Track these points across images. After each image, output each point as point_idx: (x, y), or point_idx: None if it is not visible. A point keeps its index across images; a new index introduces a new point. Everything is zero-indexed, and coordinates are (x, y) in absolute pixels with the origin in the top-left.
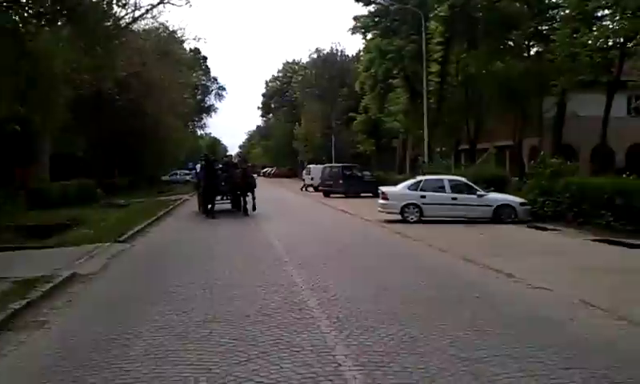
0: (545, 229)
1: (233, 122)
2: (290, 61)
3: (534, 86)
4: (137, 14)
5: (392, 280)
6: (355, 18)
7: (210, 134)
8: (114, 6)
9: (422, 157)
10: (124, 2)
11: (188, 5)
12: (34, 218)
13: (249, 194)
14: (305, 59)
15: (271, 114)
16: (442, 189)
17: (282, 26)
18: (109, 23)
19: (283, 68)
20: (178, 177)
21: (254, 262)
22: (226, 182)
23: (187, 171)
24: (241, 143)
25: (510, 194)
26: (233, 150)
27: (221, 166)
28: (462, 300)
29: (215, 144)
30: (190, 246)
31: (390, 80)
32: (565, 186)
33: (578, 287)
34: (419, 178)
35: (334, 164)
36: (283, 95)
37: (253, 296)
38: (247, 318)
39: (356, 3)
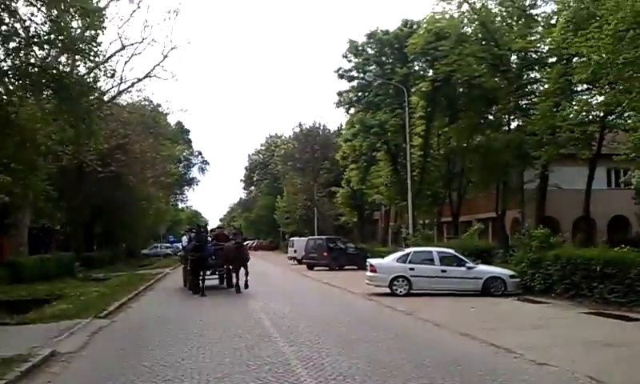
0: (536, 301)
1: (214, 194)
2: (273, 134)
3: (515, 159)
4: (122, 87)
5: (393, 359)
6: (339, 94)
7: (191, 207)
8: (101, 78)
9: (406, 228)
10: (111, 73)
11: (174, 79)
12: (11, 291)
13: (241, 269)
14: (287, 133)
15: (253, 187)
16: (430, 261)
17: (264, 101)
18: (93, 96)
19: (266, 141)
20: (159, 250)
21: (244, 339)
22: (216, 256)
23: (168, 245)
24: (222, 216)
25: (495, 266)
26: (213, 223)
27: (210, 238)
28: (465, 379)
29: (196, 216)
30: (176, 323)
31: (374, 153)
32: (554, 258)
33: (582, 363)
34: (407, 250)
35: (317, 236)
36: (265, 168)
37: (245, 376)
38: None
39: (339, 80)
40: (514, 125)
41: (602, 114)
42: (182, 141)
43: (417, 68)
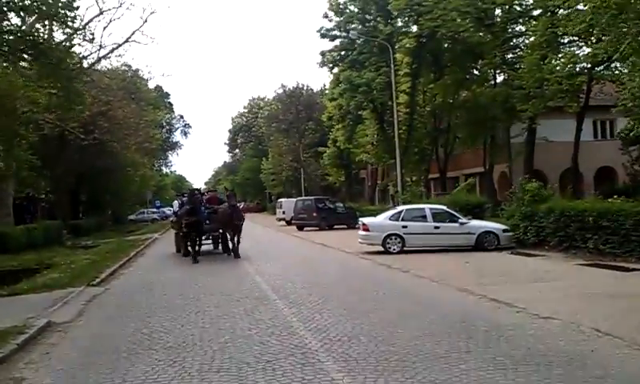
0: (530, 255)
1: (198, 158)
2: (256, 97)
3: (502, 113)
4: (102, 53)
5: (396, 318)
6: (322, 53)
7: (175, 171)
8: (80, 43)
9: (394, 186)
10: (90, 37)
11: (154, 43)
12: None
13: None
14: (270, 95)
15: (237, 150)
16: (423, 218)
17: (247, 64)
18: (73, 61)
19: (249, 104)
20: (145, 215)
21: (242, 303)
22: (210, 220)
23: (154, 210)
24: (207, 179)
25: (487, 220)
26: (198, 186)
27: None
28: (471, 335)
29: (180, 181)
30: (171, 289)
31: (360, 111)
32: (548, 211)
33: (586, 316)
34: (400, 207)
35: (306, 197)
36: (249, 130)
37: (248, 341)
38: (247, 366)
39: (322, 39)
40: (499, 79)
41: (589, 66)
42: (163, 105)
43: (400, 24)
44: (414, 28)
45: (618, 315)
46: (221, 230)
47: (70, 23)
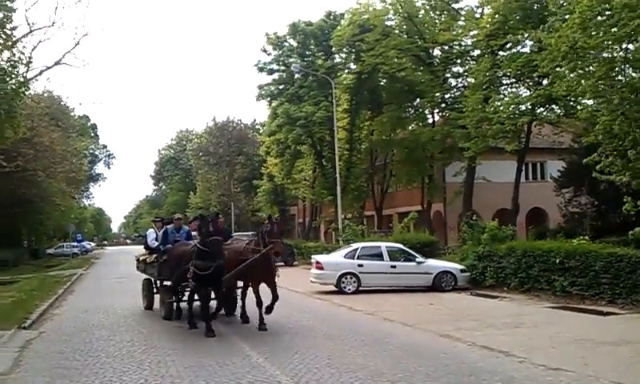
0: (491, 296)
1: (120, 191)
2: (184, 129)
3: (441, 152)
4: (29, 74)
5: (390, 369)
6: (260, 87)
7: (93, 204)
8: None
9: (328, 223)
10: (26, 60)
11: (85, 66)
12: None
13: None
14: (200, 128)
15: (162, 183)
16: (379, 256)
17: (176, 94)
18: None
19: (177, 136)
20: (65, 249)
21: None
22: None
23: (75, 244)
24: (127, 213)
25: (437, 259)
26: (117, 221)
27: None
28: None
29: (100, 214)
30: (119, 334)
31: (298, 146)
32: (508, 251)
33: (598, 366)
34: (355, 245)
35: (242, 233)
36: (177, 163)
37: None
38: None
39: (260, 73)
40: (437, 118)
41: (530, 107)
42: (88, 135)
43: (338, 60)
44: (352, 65)
45: (630, 367)
46: (240, 283)
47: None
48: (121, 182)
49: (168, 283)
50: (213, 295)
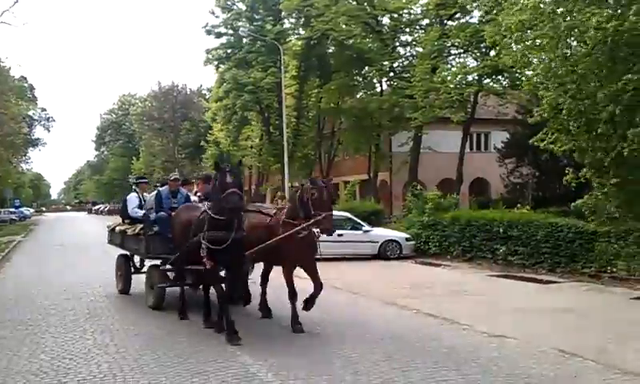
0: (435, 264)
1: (60, 156)
2: (127, 93)
3: (389, 121)
4: None
5: (323, 333)
6: (207, 51)
7: (31, 169)
8: None
9: (274, 191)
10: None
11: (25, 26)
12: None
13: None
14: (144, 92)
15: (104, 149)
16: None
17: (120, 58)
18: None
19: (119, 100)
20: (3, 215)
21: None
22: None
23: (13, 210)
24: (67, 179)
25: (383, 227)
26: (56, 188)
27: (198, 196)
28: (435, 359)
29: (39, 180)
30: (58, 300)
31: (246, 112)
32: (452, 220)
33: (537, 334)
34: None
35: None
36: (119, 128)
37: None
38: None
39: (208, 36)
40: (386, 87)
41: (477, 78)
42: (26, 98)
43: (287, 25)
44: (302, 31)
45: (570, 334)
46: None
47: None
48: (60, 146)
49: (157, 262)
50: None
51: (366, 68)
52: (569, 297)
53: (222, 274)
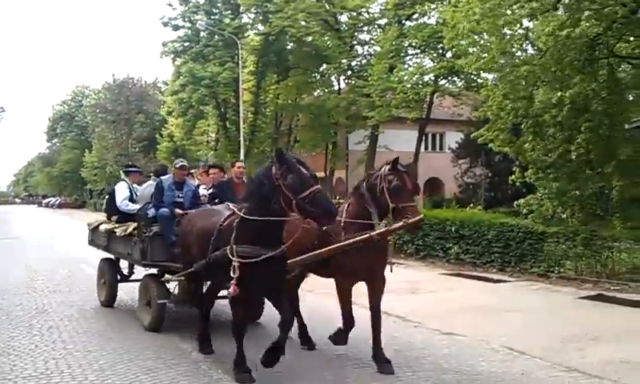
0: (388, 263)
1: (8, 149)
2: (81, 84)
3: (346, 119)
4: None
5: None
6: (164, 43)
7: None
8: None
9: None
10: None
11: None
12: None
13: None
14: (99, 84)
15: (56, 141)
16: None
17: (74, 50)
18: None
19: (73, 92)
20: None
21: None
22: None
23: None
24: (16, 171)
25: None
26: (4, 181)
27: (206, 190)
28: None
29: None
30: (5, 295)
31: (202, 107)
32: None
33: (487, 332)
34: None
35: None
36: (72, 120)
37: None
38: None
39: (164, 28)
40: (344, 85)
41: (433, 78)
42: None
43: (246, 20)
44: (260, 26)
45: (519, 332)
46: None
47: None
48: (10, 138)
49: (154, 271)
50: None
51: (324, 65)
52: (518, 296)
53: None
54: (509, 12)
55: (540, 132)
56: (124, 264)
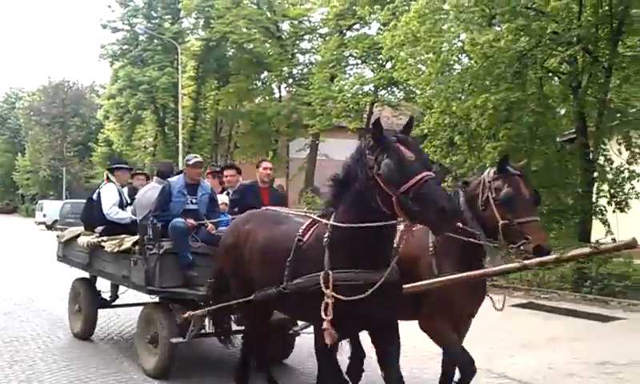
0: None
1: None
2: (15, 86)
3: (287, 127)
4: None
5: None
6: (102, 46)
7: None
8: None
9: None
10: None
11: None
12: None
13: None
14: (33, 87)
15: None
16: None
17: (6, 51)
18: None
19: (5, 93)
20: None
21: None
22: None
23: None
24: None
25: None
26: None
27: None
28: None
29: None
30: None
31: (140, 111)
32: None
33: (423, 338)
34: None
35: (75, 200)
36: (4, 122)
37: None
38: None
39: (103, 30)
40: (285, 93)
41: (373, 88)
42: None
43: (187, 24)
44: (201, 31)
45: None
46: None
47: None
48: None
49: (155, 298)
50: None
51: (266, 73)
52: None
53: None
54: (445, 27)
55: (475, 145)
56: (103, 283)
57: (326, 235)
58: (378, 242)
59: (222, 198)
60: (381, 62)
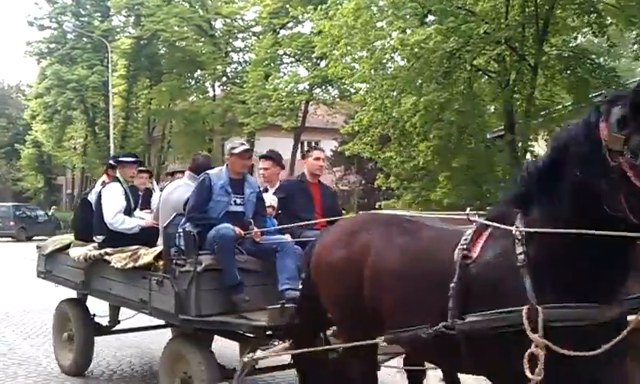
0: None
1: None
2: None
3: (221, 126)
4: None
5: None
6: (28, 43)
7: None
8: None
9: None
10: None
11: None
12: None
13: None
14: None
15: None
16: None
17: None
18: None
19: None
20: None
21: None
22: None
23: None
24: None
25: None
26: None
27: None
28: None
29: None
30: None
31: (69, 111)
32: None
33: None
34: None
35: (1, 203)
36: None
37: None
38: None
39: (30, 27)
40: (219, 91)
41: (308, 87)
42: None
43: (116, 22)
44: (132, 29)
45: None
46: None
47: None
48: None
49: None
50: None
51: (199, 71)
52: None
53: None
54: (379, 24)
55: (406, 143)
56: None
57: (520, 251)
58: (609, 263)
59: (269, 198)
60: (315, 60)
